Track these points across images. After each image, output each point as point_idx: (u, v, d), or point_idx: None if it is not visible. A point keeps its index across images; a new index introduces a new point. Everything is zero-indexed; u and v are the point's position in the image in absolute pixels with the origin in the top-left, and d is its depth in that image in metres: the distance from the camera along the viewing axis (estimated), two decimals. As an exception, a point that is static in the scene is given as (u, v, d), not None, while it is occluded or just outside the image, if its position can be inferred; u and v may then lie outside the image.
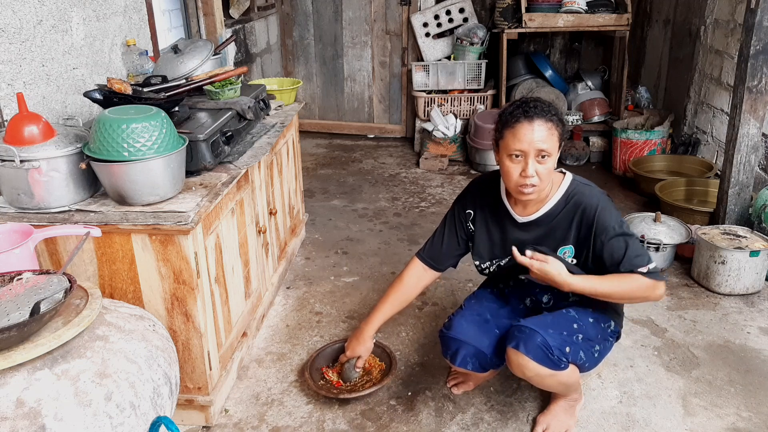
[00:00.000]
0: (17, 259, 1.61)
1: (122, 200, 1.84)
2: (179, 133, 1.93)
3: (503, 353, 1.93)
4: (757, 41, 2.93)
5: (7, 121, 1.92)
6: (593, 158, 4.67)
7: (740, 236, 2.90)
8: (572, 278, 1.82)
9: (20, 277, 1.52)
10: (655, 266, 1.85)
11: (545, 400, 2.14)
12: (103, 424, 1.36)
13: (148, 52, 2.77)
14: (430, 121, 4.77)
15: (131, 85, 2.16)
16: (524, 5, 4.44)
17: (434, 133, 4.66)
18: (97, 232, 1.67)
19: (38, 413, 1.30)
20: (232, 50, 4.10)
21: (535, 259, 1.83)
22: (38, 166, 1.77)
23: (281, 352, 2.49)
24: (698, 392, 2.23)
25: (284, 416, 2.14)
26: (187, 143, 1.92)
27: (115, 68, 2.63)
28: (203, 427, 2.08)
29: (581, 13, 4.41)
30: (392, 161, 4.84)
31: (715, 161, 3.97)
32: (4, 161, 1.76)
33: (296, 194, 3.24)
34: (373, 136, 5.44)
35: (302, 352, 2.48)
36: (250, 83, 2.91)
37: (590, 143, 4.65)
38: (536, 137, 1.77)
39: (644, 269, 1.83)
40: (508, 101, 4.72)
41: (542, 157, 1.79)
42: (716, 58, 4.00)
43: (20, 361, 1.33)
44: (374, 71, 5.26)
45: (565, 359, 1.84)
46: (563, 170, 1.97)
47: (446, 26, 4.91)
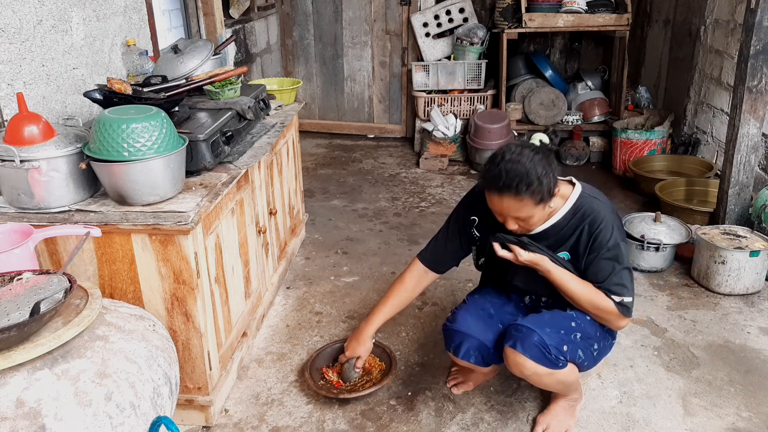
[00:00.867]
0: (17, 259, 1.61)
1: (122, 200, 1.84)
2: (179, 133, 1.93)
3: None
4: (757, 41, 2.93)
5: (7, 121, 1.92)
6: (593, 158, 4.66)
7: (740, 236, 2.90)
8: (552, 265, 1.86)
9: (20, 277, 1.52)
10: (630, 302, 1.88)
11: (545, 400, 2.14)
12: (103, 424, 1.36)
13: (148, 52, 2.77)
14: (430, 121, 4.77)
15: (131, 85, 2.16)
16: (524, 5, 4.44)
17: (434, 133, 4.66)
18: (97, 232, 1.67)
19: (38, 413, 1.30)
20: (232, 50, 4.10)
21: (511, 247, 1.87)
22: (38, 166, 1.77)
23: (281, 352, 2.49)
24: (698, 392, 2.23)
25: (284, 416, 2.14)
26: (187, 143, 1.92)
27: (115, 68, 2.63)
28: (203, 427, 2.08)
29: (581, 13, 4.41)
30: (392, 161, 4.84)
31: (715, 161, 3.97)
32: (4, 161, 1.76)
33: (296, 194, 3.24)
34: (373, 136, 5.44)
35: (302, 352, 2.48)
36: (250, 83, 2.91)
37: (590, 143, 4.65)
38: (506, 209, 1.79)
39: (618, 299, 1.86)
40: (508, 101, 4.75)
41: (521, 219, 1.82)
42: (716, 58, 4.00)
43: (20, 361, 1.33)
44: (374, 71, 5.26)
45: (563, 358, 1.85)
46: (573, 180, 1.95)
47: (446, 26, 4.91)
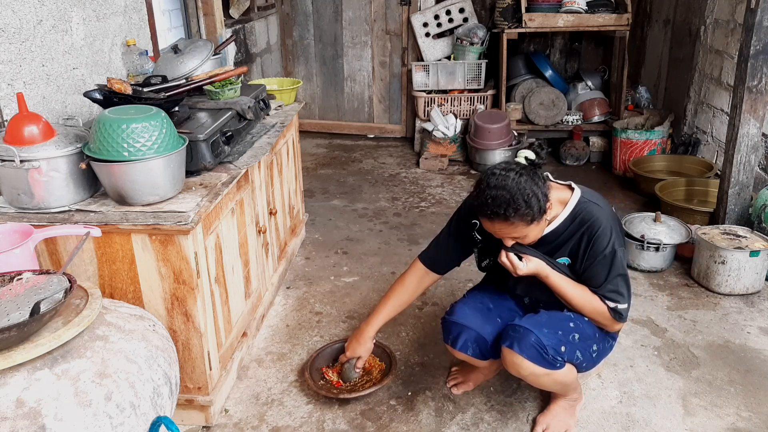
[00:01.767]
0: (17, 259, 1.61)
1: (122, 200, 1.84)
2: (179, 133, 1.93)
3: None
4: (757, 41, 2.93)
5: (7, 121, 1.92)
6: (593, 158, 4.66)
7: (740, 236, 2.90)
8: (550, 270, 1.88)
9: (20, 277, 1.52)
10: (624, 309, 1.89)
11: (545, 400, 2.14)
12: (103, 424, 1.36)
13: (148, 52, 2.77)
14: (430, 121, 4.77)
15: (131, 85, 2.16)
16: (524, 5, 4.44)
17: (434, 133, 4.66)
18: (97, 232, 1.67)
19: (38, 413, 1.30)
20: (232, 50, 4.10)
21: (510, 260, 1.87)
22: (38, 166, 1.77)
23: (281, 352, 2.49)
24: (698, 392, 2.23)
25: (284, 416, 2.14)
26: (187, 143, 1.92)
27: (115, 68, 2.63)
28: (203, 427, 2.08)
29: (581, 13, 4.41)
30: (392, 161, 4.84)
31: (715, 161, 3.97)
32: (4, 161, 1.76)
33: (296, 194, 3.24)
34: (373, 136, 5.44)
35: (302, 352, 2.48)
36: (250, 83, 2.91)
37: (590, 143, 4.65)
38: (500, 232, 1.82)
39: (612, 305, 1.88)
40: (508, 101, 4.75)
41: (517, 238, 1.83)
42: (716, 58, 4.00)
43: (20, 361, 1.33)
44: (374, 71, 5.26)
45: (560, 358, 1.85)
46: (572, 185, 1.95)
47: (446, 26, 4.91)
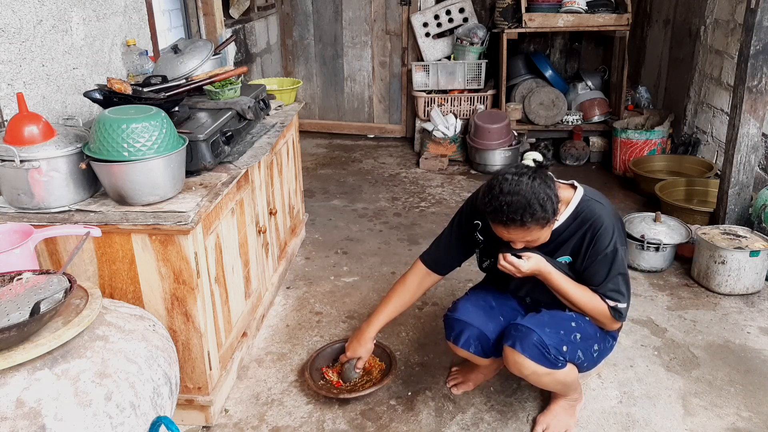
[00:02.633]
0: (17, 259, 1.61)
1: (122, 200, 1.84)
2: (179, 133, 1.93)
3: None
4: (757, 41, 2.93)
5: (7, 121, 1.92)
6: (593, 158, 4.66)
7: (740, 236, 2.90)
8: (551, 268, 1.87)
9: (20, 277, 1.52)
10: (624, 308, 1.89)
11: (545, 400, 2.14)
12: (103, 424, 1.36)
13: (148, 52, 2.77)
14: (430, 121, 4.77)
15: (131, 85, 2.16)
16: (524, 5, 4.44)
17: (434, 133, 4.66)
18: (97, 232, 1.67)
19: (38, 413, 1.30)
20: (232, 50, 4.10)
21: (510, 262, 1.86)
22: (38, 166, 1.77)
23: (281, 352, 2.49)
24: (698, 392, 2.23)
25: (284, 416, 2.14)
26: (187, 143, 1.92)
27: (115, 68, 2.63)
28: (203, 427, 2.08)
29: (581, 13, 4.41)
30: (392, 161, 4.84)
31: (715, 161, 3.97)
32: (4, 161, 1.76)
33: (296, 194, 3.24)
34: (373, 136, 5.44)
35: (302, 352, 2.48)
36: (250, 83, 2.91)
37: (590, 143, 4.65)
38: (514, 237, 1.81)
39: (612, 303, 1.88)
40: (508, 101, 4.74)
41: (529, 241, 1.83)
42: (716, 58, 4.00)
43: (20, 361, 1.33)
44: (374, 71, 5.26)
45: (562, 358, 1.85)
46: (575, 183, 1.95)
47: (446, 26, 4.91)
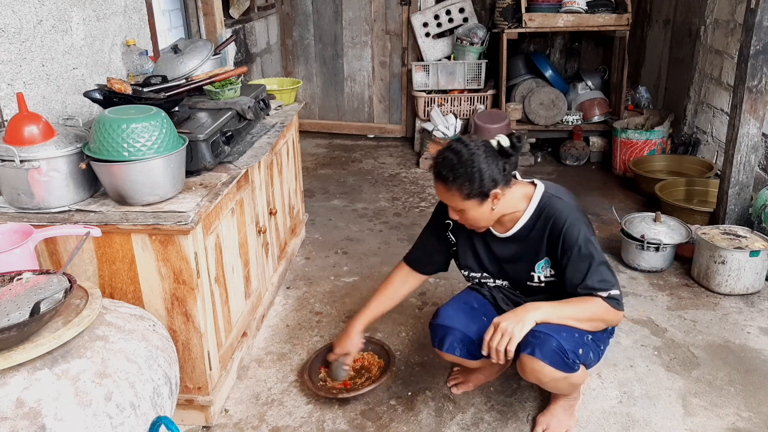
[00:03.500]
0: (17, 259, 1.61)
1: (122, 200, 1.84)
2: (179, 133, 1.93)
3: None
4: (757, 41, 2.93)
5: (7, 121, 1.92)
6: (593, 158, 4.66)
7: (740, 236, 2.90)
8: (539, 312, 1.81)
9: (20, 277, 1.52)
10: (617, 294, 1.85)
11: (545, 400, 2.14)
12: (103, 424, 1.36)
13: (148, 52, 2.77)
14: (430, 121, 4.77)
15: (131, 85, 2.16)
16: (524, 5, 4.44)
17: (434, 133, 4.66)
18: (97, 232, 1.67)
19: (38, 413, 1.30)
20: (232, 50, 4.10)
21: (495, 336, 1.81)
22: (38, 166, 1.77)
23: (281, 352, 2.49)
24: (698, 392, 2.23)
25: (284, 416, 2.14)
26: (187, 143, 1.92)
27: (115, 68, 2.63)
28: (203, 427, 2.08)
29: (581, 13, 4.41)
30: (392, 161, 4.84)
31: (715, 161, 3.97)
32: (4, 161, 1.76)
33: (296, 194, 3.24)
34: (373, 136, 5.44)
35: (302, 352, 2.48)
36: (250, 83, 2.91)
37: (590, 143, 4.65)
38: (441, 195, 1.88)
39: (604, 294, 1.83)
40: (508, 101, 4.75)
41: (457, 210, 1.87)
42: (716, 58, 4.00)
43: (20, 361, 1.33)
44: (374, 71, 5.26)
45: (578, 361, 1.84)
46: (534, 181, 1.95)
47: (446, 26, 4.91)
